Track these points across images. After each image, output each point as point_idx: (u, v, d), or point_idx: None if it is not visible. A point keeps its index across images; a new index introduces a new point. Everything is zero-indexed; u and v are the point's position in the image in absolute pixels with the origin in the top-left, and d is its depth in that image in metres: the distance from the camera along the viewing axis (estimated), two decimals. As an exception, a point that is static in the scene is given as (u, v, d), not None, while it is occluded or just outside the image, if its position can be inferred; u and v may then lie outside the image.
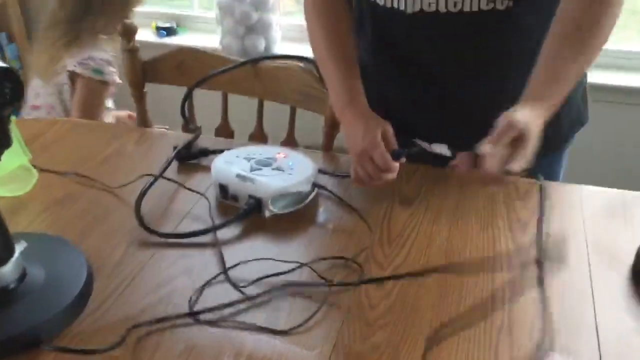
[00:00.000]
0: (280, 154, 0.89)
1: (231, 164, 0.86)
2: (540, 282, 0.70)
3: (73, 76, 1.57)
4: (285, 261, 0.73)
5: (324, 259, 0.74)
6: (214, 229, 0.78)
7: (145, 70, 1.23)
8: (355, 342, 0.62)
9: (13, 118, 0.83)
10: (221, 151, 0.92)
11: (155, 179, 0.85)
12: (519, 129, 0.70)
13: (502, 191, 0.88)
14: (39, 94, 1.60)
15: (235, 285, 0.69)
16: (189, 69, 1.22)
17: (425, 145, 0.76)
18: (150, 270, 0.72)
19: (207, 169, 0.91)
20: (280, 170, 0.85)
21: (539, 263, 0.73)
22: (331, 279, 0.70)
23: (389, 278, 0.69)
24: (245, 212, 0.81)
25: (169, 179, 0.89)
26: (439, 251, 0.75)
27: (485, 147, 0.69)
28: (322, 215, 0.84)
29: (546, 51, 0.78)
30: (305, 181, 0.84)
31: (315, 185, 0.86)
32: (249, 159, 0.87)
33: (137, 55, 1.21)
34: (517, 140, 0.71)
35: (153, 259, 0.74)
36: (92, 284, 0.69)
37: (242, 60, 1.15)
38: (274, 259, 0.74)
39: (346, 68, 0.89)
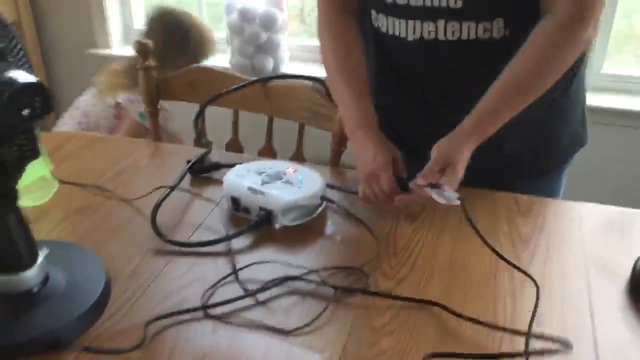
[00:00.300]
0: (289, 168, 0.93)
1: (242, 178, 0.90)
2: (539, 295, 0.73)
3: (120, 108, 1.66)
4: (294, 266, 0.76)
5: (332, 268, 0.77)
6: (227, 238, 0.82)
7: (159, 87, 1.27)
8: (363, 347, 0.64)
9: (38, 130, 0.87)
10: (232, 165, 0.96)
11: (171, 190, 0.89)
12: (443, 163, 0.81)
13: (503, 208, 0.91)
14: (89, 113, 1.72)
15: (244, 287, 0.73)
16: (200, 86, 1.26)
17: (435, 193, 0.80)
18: (165, 277, 0.75)
19: (219, 182, 0.95)
20: (290, 184, 0.88)
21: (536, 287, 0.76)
22: (339, 285, 0.73)
23: (394, 297, 0.72)
24: (256, 223, 0.84)
25: (183, 190, 0.93)
26: (443, 264, 0.78)
27: (418, 180, 0.80)
28: (330, 227, 0.87)
29: (497, 87, 0.83)
30: (314, 194, 0.87)
31: (323, 198, 0.89)
32: (259, 173, 0.91)
33: (151, 73, 1.26)
34: (443, 170, 0.80)
35: (168, 267, 0.77)
36: (110, 290, 0.72)
37: (252, 79, 1.19)
38: (283, 263, 0.77)
39: (359, 90, 0.93)
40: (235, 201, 0.89)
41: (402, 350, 0.64)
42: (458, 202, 0.76)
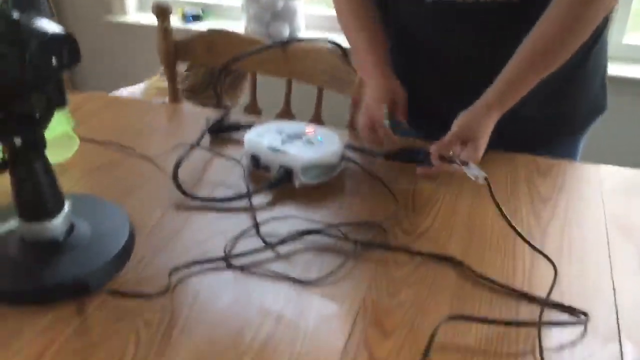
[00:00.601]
0: (309, 129, 0.93)
1: (262, 137, 0.90)
2: (561, 248, 0.73)
3: None
4: (315, 221, 0.77)
5: (352, 223, 0.78)
6: (248, 194, 0.82)
7: (178, 50, 1.27)
8: (382, 299, 0.65)
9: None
10: (252, 125, 0.96)
11: (192, 147, 0.89)
12: (464, 137, 0.83)
13: (523, 169, 0.91)
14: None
15: (264, 240, 0.74)
16: (218, 49, 1.26)
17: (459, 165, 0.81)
18: (187, 230, 0.77)
19: (238, 142, 0.96)
20: (310, 143, 0.88)
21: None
22: (358, 239, 0.74)
23: (413, 253, 0.72)
24: (277, 181, 0.85)
25: (204, 148, 0.93)
26: (462, 223, 0.79)
27: (431, 148, 0.83)
28: (349, 186, 0.87)
29: (520, 55, 0.83)
30: (334, 154, 0.88)
31: (343, 157, 0.89)
32: (280, 133, 0.91)
33: (170, 36, 1.26)
34: (465, 144, 0.83)
35: (190, 221, 0.78)
36: (134, 240, 0.74)
37: (271, 42, 1.19)
38: (303, 219, 0.78)
39: (374, 37, 0.94)
40: (255, 159, 0.89)
41: (420, 302, 0.65)
42: (483, 181, 0.76)
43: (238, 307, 0.64)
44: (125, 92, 1.85)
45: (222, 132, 1.01)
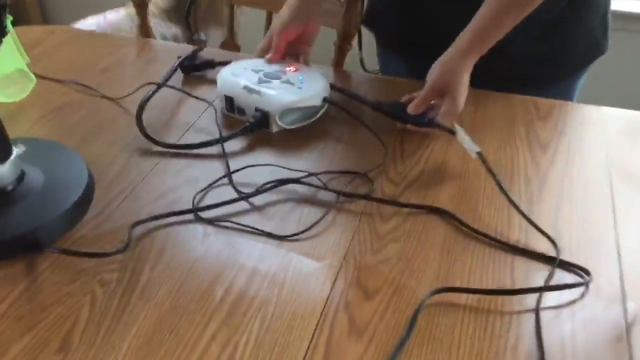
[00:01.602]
0: (290, 67, 0.85)
1: (238, 76, 0.82)
2: (561, 198, 0.67)
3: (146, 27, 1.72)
4: (293, 169, 0.70)
5: (334, 172, 0.71)
6: (220, 140, 0.75)
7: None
8: (366, 254, 0.60)
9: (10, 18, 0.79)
10: (228, 63, 0.88)
11: (159, 87, 0.81)
12: (439, 90, 0.75)
13: (520, 111, 0.84)
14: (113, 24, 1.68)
15: (238, 190, 0.67)
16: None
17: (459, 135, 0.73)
18: (153, 179, 0.70)
19: (212, 82, 0.87)
20: (289, 84, 0.80)
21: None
22: (340, 190, 0.67)
23: (400, 205, 0.66)
24: (251, 125, 0.77)
25: (173, 87, 0.85)
26: (454, 171, 0.72)
27: (410, 109, 0.76)
28: (331, 130, 0.80)
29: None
30: (315, 96, 0.80)
31: (325, 100, 0.81)
32: (257, 71, 0.83)
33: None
34: (442, 96, 0.75)
35: (156, 169, 0.71)
36: (93, 190, 0.67)
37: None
38: (282, 167, 0.71)
39: None
40: (229, 101, 0.81)
41: (408, 258, 0.59)
42: (475, 155, 0.69)
43: (206, 265, 0.58)
44: (110, 13, 1.73)
45: (194, 71, 0.92)
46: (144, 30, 1.16)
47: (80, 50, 0.99)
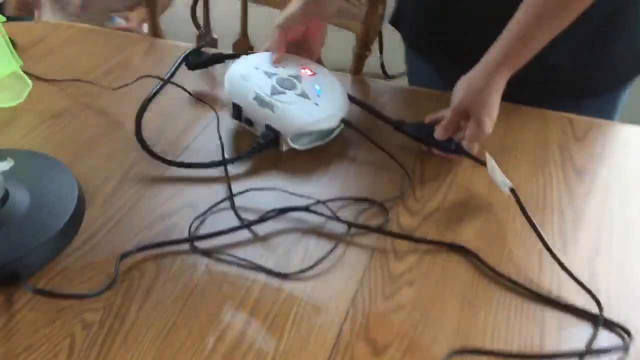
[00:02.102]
0: (305, 70, 0.77)
1: (248, 80, 0.74)
2: (599, 238, 0.60)
3: None
4: (300, 195, 0.64)
5: (345, 199, 0.64)
6: (223, 162, 0.69)
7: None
8: (377, 300, 0.53)
9: (2, 18, 0.73)
10: (236, 56, 0.80)
11: (164, 84, 0.74)
12: (464, 111, 0.68)
13: (555, 130, 0.76)
14: None
15: (239, 216, 0.61)
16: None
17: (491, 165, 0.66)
18: (148, 200, 0.64)
19: (220, 79, 0.81)
20: (305, 98, 0.73)
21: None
22: (352, 221, 0.61)
23: (418, 241, 0.59)
24: (260, 146, 0.70)
25: (177, 85, 0.78)
26: (479, 202, 0.65)
27: (437, 133, 0.69)
28: (345, 150, 0.73)
29: (526, 8, 0.66)
30: (332, 115, 0.72)
31: (343, 121, 0.74)
32: (270, 75, 0.75)
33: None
34: (468, 117, 0.68)
35: (153, 187, 0.66)
36: (83, 214, 0.61)
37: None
38: (288, 192, 0.65)
39: None
40: (237, 109, 0.74)
41: (424, 307, 0.53)
42: (506, 190, 0.62)
43: (199, 305, 0.53)
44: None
45: (200, 67, 0.85)
46: (154, 30, 1.11)
47: (82, 50, 0.93)
